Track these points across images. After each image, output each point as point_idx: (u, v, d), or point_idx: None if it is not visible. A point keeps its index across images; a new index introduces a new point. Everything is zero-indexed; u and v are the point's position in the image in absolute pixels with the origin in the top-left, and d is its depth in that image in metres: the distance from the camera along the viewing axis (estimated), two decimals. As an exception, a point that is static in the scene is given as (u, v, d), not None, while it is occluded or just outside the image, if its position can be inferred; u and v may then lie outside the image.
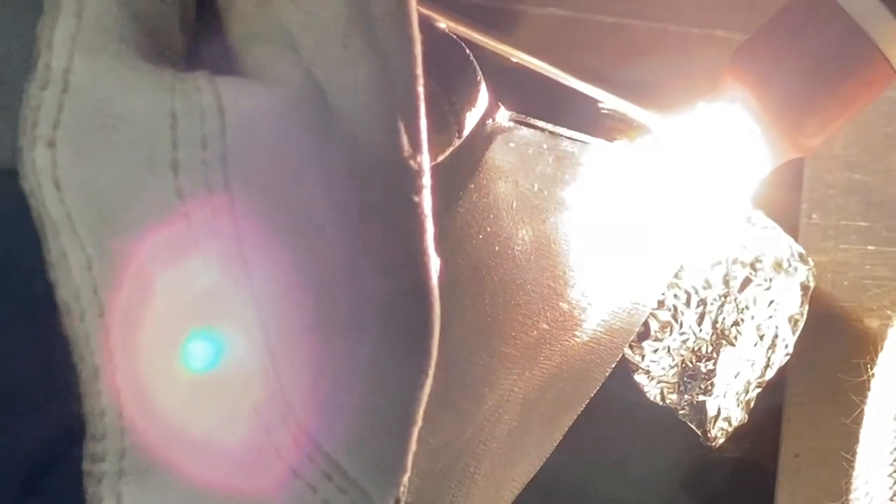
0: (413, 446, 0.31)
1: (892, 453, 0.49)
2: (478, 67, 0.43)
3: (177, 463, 0.28)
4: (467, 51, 0.43)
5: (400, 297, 0.30)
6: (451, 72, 0.43)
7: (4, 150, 0.29)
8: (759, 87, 0.50)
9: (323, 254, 0.29)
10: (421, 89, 0.31)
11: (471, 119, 0.43)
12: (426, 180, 0.31)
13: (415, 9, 0.31)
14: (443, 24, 0.44)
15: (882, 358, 0.52)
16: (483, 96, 0.44)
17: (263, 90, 0.29)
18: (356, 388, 0.29)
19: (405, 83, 0.31)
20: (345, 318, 0.29)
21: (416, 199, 0.31)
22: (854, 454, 0.53)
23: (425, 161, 0.31)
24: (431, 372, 0.31)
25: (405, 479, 0.31)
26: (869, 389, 0.52)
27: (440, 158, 0.45)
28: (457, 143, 0.43)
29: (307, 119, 0.29)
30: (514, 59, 0.48)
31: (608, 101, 0.51)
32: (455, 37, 0.44)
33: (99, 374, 0.28)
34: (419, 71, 0.31)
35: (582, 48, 0.68)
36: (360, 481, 0.30)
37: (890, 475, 0.50)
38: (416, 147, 0.31)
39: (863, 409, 0.53)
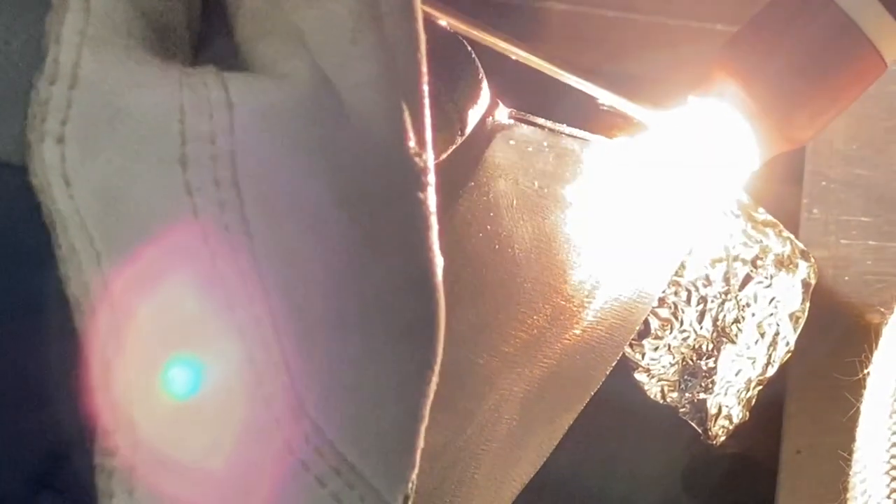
0: (421, 443, 0.31)
1: (888, 451, 0.49)
2: (479, 65, 0.43)
3: (180, 457, 0.28)
4: (469, 48, 0.43)
5: (405, 293, 0.30)
6: (454, 69, 0.43)
7: (6, 143, 0.29)
8: (749, 80, 0.50)
9: (331, 249, 0.29)
10: (426, 86, 0.31)
11: (473, 117, 0.43)
12: (431, 178, 0.31)
13: (420, 4, 0.31)
14: (444, 21, 0.43)
15: (877, 356, 0.52)
16: (485, 94, 0.44)
17: (272, 85, 0.29)
18: (364, 384, 0.29)
19: (411, 80, 0.31)
20: (352, 313, 0.29)
21: (421, 195, 0.31)
22: (852, 452, 0.53)
23: (430, 158, 0.31)
24: (437, 368, 0.31)
25: (413, 475, 0.31)
26: (864, 387, 0.52)
27: (442, 157, 0.44)
28: (459, 140, 0.43)
29: (316, 114, 0.29)
30: (514, 57, 0.48)
31: (606, 98, 0.51)
32: (456, 34, 0.44)
33: (110, 367, 0.28)
34: (424, 68, 0.31)
35: (581, 42, 0.67)
36: (368, 476, 0.30)
37: (887, 473, 0.49)
38: (421, 144, 0.31)
39: (859, 407, 0.53)
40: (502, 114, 0.51)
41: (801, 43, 0.49)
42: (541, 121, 0.51)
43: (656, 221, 0.53)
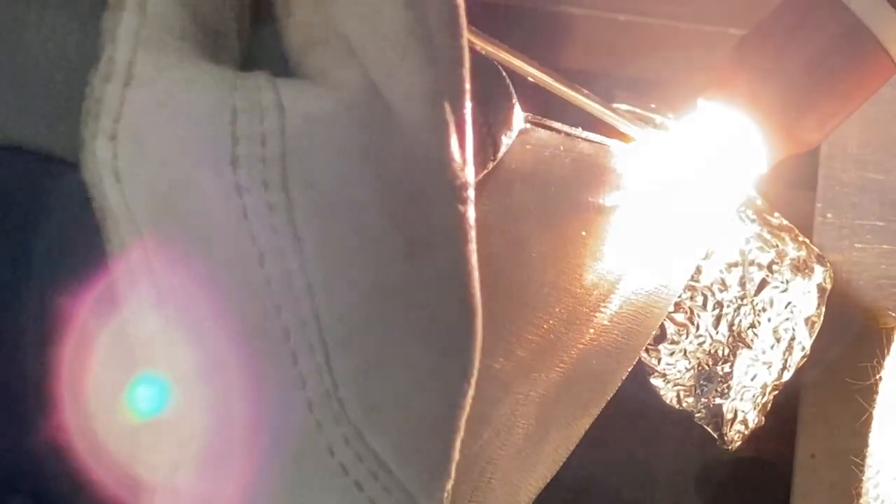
0: (457, 454, 0.31)
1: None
2: (513, 90, 0.43)
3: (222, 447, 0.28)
4: (504, 74, 0.43)
5: (445, 304, 0.31)
6: (488, 93, 0.43)
7: (61, 140, 0.29)
8: (758, 83, 0.50)
9: (375, 255, 0.29)
10: (469, 104, 0.31)
11: (506, 141, 0.43)
12: (471, 192, 0.32)
13: (465, 24, 0.31)
14: (479, 46, 0.44)
15: (889, 360, 0.52)
16: (518, 119, 0.44)
17: (324, 92, 0.29)
18: (405, 392, 0.30)
19: (456, 96, 0.31)
20: (393, 320, 0.30)
21: (462, 209, 0.31)
22: (865, 457, 0.53)
23: (471, 174, 0.31)
24: (474, 381, 0.31)
25: (449, 485, 0.31)
26: (877, 392, 0.52)
27: (476, 179, 0.45)
28: (491, 165, 0.43)
29: (366, 122, 0.29)
30: (531, 80, 0.48)
31: (620, 111, 0.51)
32: (491, 59, 0.44)
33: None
34: (467, 85, 0.31)
35: (593, 45, 0.67)
36: (406, 483, 0.30)
37: (900, 476, 0.49)
38: (463, 159, 0.31)
39: (872, 412, 0.53)
40: (519, 118, 0.51)
41: (810, 46, 0.49)
42: (557, 125, 0.51)
43: (673, 225, 0.53)
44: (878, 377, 0.50)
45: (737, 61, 0.51)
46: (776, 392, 0.56)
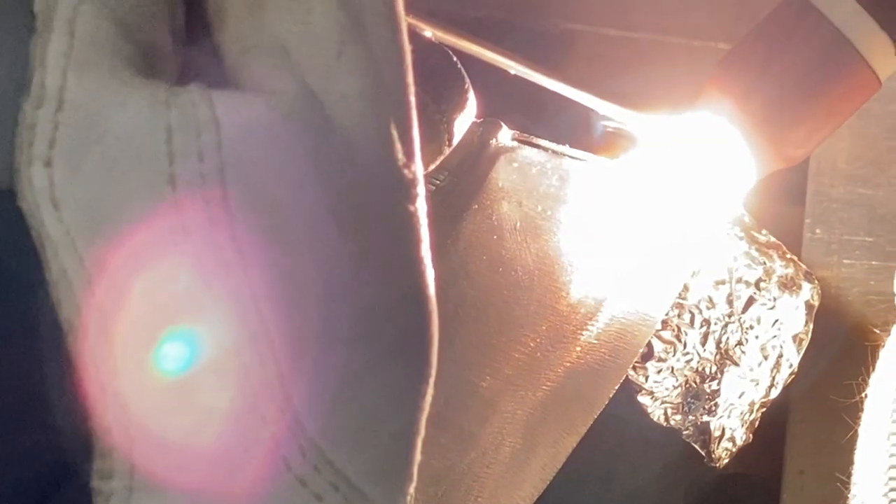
0: (418, 455, 0.31)
1: (886, 473, 0.49)
2: (465, 75, 0.43)
3: (173, 469, 0.28)
4: (454, 58, 0.43)
5: (398, 305, 0.30)
6: (439, 80, 0.42)
7: None
8: (743, 98, 0.50)
9: (323, 263, 0.29)
10: (412, 98, 0.31)
11: (460, 126, 0.43)
12: (420, 189, 0.31)
13: (403, 16, 0.31)
14: (428, 32, 0.43)
15: (874, 378, 0.52)
16: (472, 102, 0.43)
17: (259, 101, 0.29)
18: (359, 397, 0.29)
19: (398, 92, 0.31)
20: (345, 326, 0.29)
21: (412, 208, 0.31)
22: (851, 475, 0.53)
23: (419, 170, 0.31)
24: (432, 380, 0.31)
25: (411, 489, 0.31)
26: (863, 410, 0.52)
27: (431, 167, 0.44)
28: (447, 151, 0.43)
29: (303, 129, 0.29)
30: (513, 72, 0.48)
31: (604, 109, 0.51)
32: (441, 44, 0.43)
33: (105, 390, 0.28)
34: (410, 79, 0.31)
35: (583, 60, 0.67)
36: (366, 491, 0.30)
37: (885, 495, 0.49)
38: (409, 156, 0.31)
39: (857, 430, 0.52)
40: (505, 136, 0.51)
41: (795, 61, 0.49)
42: (544, 142, 0.51)
43: (660, 243, 0.52)
44: (863, 395, 0.50)
45: (722, 76, 0.51)
46: (764, 409, 0.56)
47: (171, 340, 0.28)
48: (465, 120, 0.44)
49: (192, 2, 0.31)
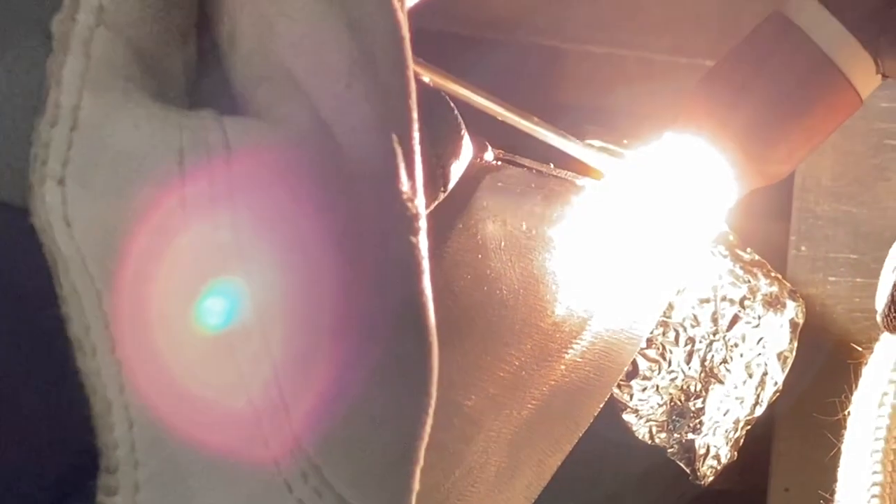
0: (416, 485, 0.31)
1: (868, 490, 0.49)
2: (461, 121, 0.43)
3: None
4: (451, 104, 0.43)
5: (400, 335, 0.31)
6: (436, 125, 0.43)
7: (8, 185, 0.29)
8: (725, 115, 0.50)
9: (327, 289, 0.29)
10: (417, 134, 0.31)
11: (455, 172, 0.43)
12: (423, 223, 0.32)
13: (411, 54, 0.31)
14: (426, 77, 0.44)
15: (856, 396, 0.52)
16: (467, 149, 0.44)
17: (270, 128, 0.29)
18: (361, 423, 0.30)
19: (404, 126, 0.31)
20: (347, 352, 0.29)
21: (414, 240, 0.31)
22: (834, 492, 0.53)
23: (421, 204, 0.31)
24: (432, 412, 0.31)
25: None
26: (845, 428, 0.52)
27: (427, 210, 0.45)
28: (442, 196, 0.43)
29: (313, 156, 0.29)
30: (501, 118, 0.48)
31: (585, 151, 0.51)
32: (438, 90, 0.44)
33: (111, 408, 0.28)
34: (416, 115, 0.31)
35: (568, 79, 0.68)
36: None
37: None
38: (413, 190, 0.31)
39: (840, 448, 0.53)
40: (490, 156, 0.51)
41: (776, 78, 0.49)
42: (528, 162, 0.52)
43: (644, 262, 0.53)
44: (846, 412, 0.50)
45: (704, 93, 0.51)
46: (749, 427, 0.56)
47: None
48: (460, 166, 0.44)
49: (204, 30, 0.31)
